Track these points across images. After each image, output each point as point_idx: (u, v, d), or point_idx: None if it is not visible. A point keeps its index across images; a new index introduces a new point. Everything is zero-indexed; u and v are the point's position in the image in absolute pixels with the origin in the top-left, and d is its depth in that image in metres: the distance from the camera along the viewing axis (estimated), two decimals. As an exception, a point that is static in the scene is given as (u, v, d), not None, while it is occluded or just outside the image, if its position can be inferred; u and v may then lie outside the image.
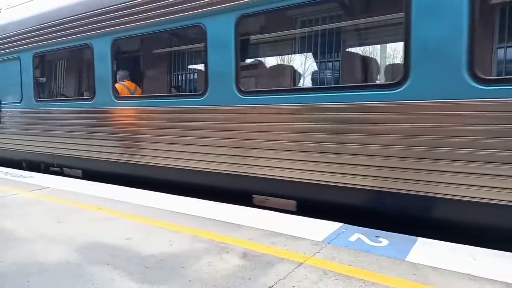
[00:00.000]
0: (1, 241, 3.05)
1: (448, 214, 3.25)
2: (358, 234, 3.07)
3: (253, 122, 4.26)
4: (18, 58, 6.99)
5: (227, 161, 4.49)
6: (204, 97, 4.62)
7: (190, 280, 2.31)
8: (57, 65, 7.50)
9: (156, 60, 7.29)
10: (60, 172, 6.69)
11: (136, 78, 6.49)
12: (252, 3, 4.13)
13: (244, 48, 4.59)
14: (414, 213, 3.40)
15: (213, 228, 3.32)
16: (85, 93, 6.79)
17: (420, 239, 2.98)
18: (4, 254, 2.77)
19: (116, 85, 5.83)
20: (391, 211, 3.54)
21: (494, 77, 3.69)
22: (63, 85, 7.68)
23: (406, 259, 2.58)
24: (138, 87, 6.39)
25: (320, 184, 3.86)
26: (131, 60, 6.74)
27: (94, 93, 5.80)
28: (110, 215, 3.77)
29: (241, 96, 4.32)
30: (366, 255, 2.66)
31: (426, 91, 3.23)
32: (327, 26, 5.39)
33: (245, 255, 2.69)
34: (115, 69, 5.65)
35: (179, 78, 6.61)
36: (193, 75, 6.44)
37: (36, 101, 6.81)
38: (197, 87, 5.79)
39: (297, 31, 5.67)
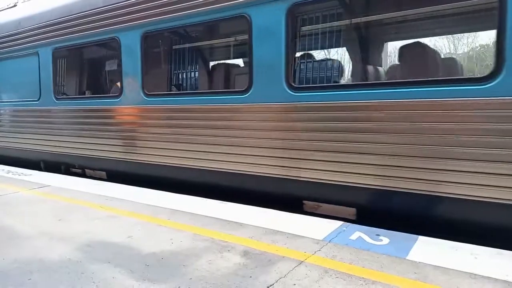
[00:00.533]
0: (2, 239, 3.06)
1: None
2: (359, 233, 3.07)
3: (306, 121, 3.89)
4: (37, 54, 6.64)
5: (276, 164, 4.11)
6: (248, 94, 4.27)
7: (190, 278, 2.31)
8: (79, 61, 7.06)
9: (191, 55, 6.75)
10: (81, 173, 6.41)
11: (167, 74, 6.12)
12: None
13: (295, 39, 4.19)
14: None
15: (214, 226, 3.33)
16: (110, 91, 6.32)
17: (421, 237, 2.98)
18: (6, 251, 2.78)
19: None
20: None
21: None
22: (85, 82, 7.22)
23: (407, 258, 2.58)
24: None
25: (388, 190, 3.46)
26: (163, 55, 6.21)
27: (121, 90, 5.47)
28: (111, 213, 3.78)
29: (292, 93, 3.96)
30: (367, 254, 2.66)
31: None
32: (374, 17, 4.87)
33: (246, 254, 2.69)
34: (145, 64, 5.27)
35: (218, 74, 5.93)
36: (234, 71, 5.72)
37: (56, 99, 6.45)
38: (240, 83, 5.17)
39: (347, 21, 5.08)
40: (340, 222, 3.35)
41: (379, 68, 5.46)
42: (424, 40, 5.33)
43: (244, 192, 4.37)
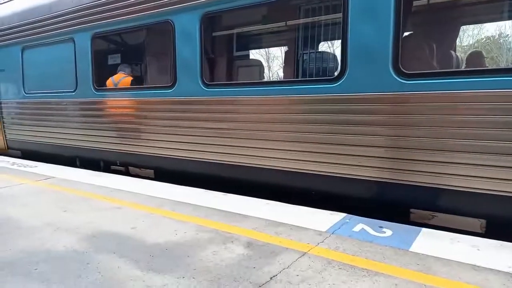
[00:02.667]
0: (9, 230, 3.09)
1: None
2: (361, 225, 3.08)
3: (420, 115, 3.27)
4: (72, 40, 6.02)
5: (375, 165, 3.53)
6: (339, 82, 3.66)
7: (195, 269, 2.33)
8: (123, 47, 6.34)
9: (266, 37, 6.00)
10: (125, 171, 5.89)
11: (232, 60, 5.36)
12: None
13: (407, 16, 3.50)
14: None
15: (218, 218, 3.34)
16: (161, 81, 5.58)
17: (424, 229, 2.98)
18: (12, 242, 2.81)
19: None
20: None
21: None
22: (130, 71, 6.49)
23: (410, 250, 2.59)
24: (125, 79, 5.68)
25: None
26: (227, 39, 5.41)
27: (175, 80, 4.84)
28: (116, 205, 3.80)
29: (402, 81, 3.32)
30: (370, 245, 2.67)
31: None
32: None
33: (249, 245, 2.71)
34: (204, 50, 4.63)
35: (298, 60, 4.85)
36: (314, 56, 4.63)
37: (96, 90, 5.84)
38: (326, 69, 4.37)
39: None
40: (343, 214, 3.36)
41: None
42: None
43: (339, 198, 3.83)
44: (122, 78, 5.74)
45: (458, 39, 4.83)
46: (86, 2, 5.73)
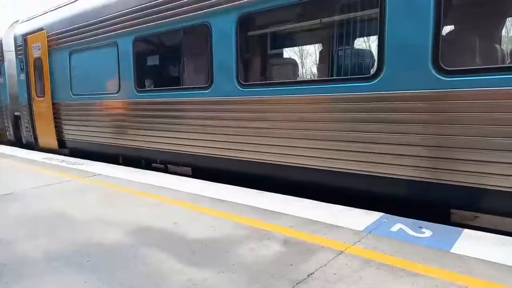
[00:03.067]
0: (62, 224, 3.34)
1: None
2: (400, 225, 3.04)
3: (461, 113, 3.17)
4: (115, 44, 6.34)
5: (414, 164, 3.44)
6: (376, 80, 3.59)
7: (233, 264, 2.42)
8: (161, 50, 6.55)
9: (301, 36, 5.97)
10: (164, 169, 6.17)
11: (266, 59, 5.42)
12: None
13: (447, 9, 3.36)
14: None
15: (254, 215, 3.42)
16: (197, 81, 5.66)
17: (466, 230, 2.90)
18: (65, 235, 3.04)
19: None
20: None
21: None
22: (168, 73, 6.72)
23: (451, 251, 2.53)
24: None
25: None
26: (261, 39, 5.41)
27: (212, 81, 4.98)
28: (157, 201, 3.99)
29: (443, 78, 3.20)
30: (409, 246, 2.64)
31: None
32: None
33: (285, 242, 2.76)
34: (240, 51, 4.71)
35: (333, 58, 4.71)
36: (349, 53, 4.60)
37: (137, 91, 6.11)
38: (363, 67, 4.32)
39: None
40: (380, 214, 3.33)
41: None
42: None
43: (379, 197, 3.75)
44: None
45: (504, 32, 4.57)
46: (128, 8, 6.01)
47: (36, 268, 2.44)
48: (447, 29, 3.94)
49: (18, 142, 9.82)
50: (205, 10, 4.91)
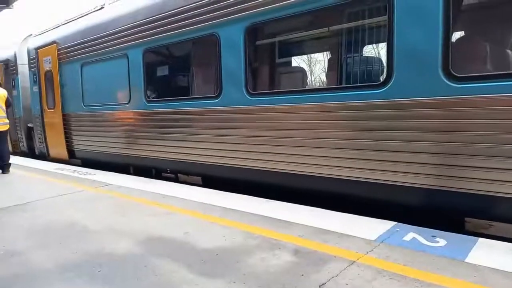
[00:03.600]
0: (74, 233, 3.37)
1: None
2: (413, 234, 3.00)
3: (473, 120, 3.13)
4: (125, 56, 6.45)
5: (425, 172, 3.39)
6: (386, 87, 3.56)
7: (244, 274, 2.41)
8: (171, 61, 6.60)
9: (309, 44, 5.98)
10: (174, 178, 6.26)
11: (274, 68, 5.44)
12: None
13: (457, 14, 3.36)
14: None
15: (264, 224, 3.41)
16: (206, 91, 5.69)
17: (481, 239, 2.84)
18: (77, 245, 3.06)
19: None
20: None
21: None
22: (178, 83, 6.71)
23: (466, 260, 2.48)
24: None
25: None
26: (269, 48, 5.41)
27: (221, 90, 5.02)
28: (167, 210, 4.00)
29: (453, 84, 3.16)
30: (422, 255, 2.59)
31: None
32: None
33: (297, 252, 2.74)
34: (248, 60, 4.76)
35: (342, 65, 4.71)
36: (358, 61, 4.53)
37: (147, 101, 6.19)
38: (372, 75, 4.31)
39: None
40: (392, 223, 3.28)
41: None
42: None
43: (386, 205, 3.71)
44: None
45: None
46: (138, 20, 6.13)
47: (48, 279, 2.46)
48: (457, 35, 3.92)
49: (31, 153, 9.99)
50: (214, 21, 4.98)
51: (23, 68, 9.72)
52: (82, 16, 7.90)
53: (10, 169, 7.04)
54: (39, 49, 8.80)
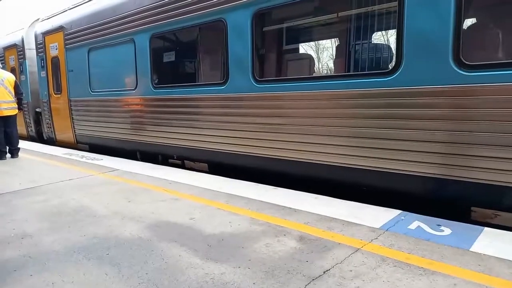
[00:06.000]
0: (83, 217, 3.43)
1: None
2: (418, 222, 3.00)
3: (483, 109, 3.09)
4: (132, 41, 6.41)
5: (434, 161, 3.37)
6: (395, 75, 3.53)
7: (250, 260, 2.44)
8: (178, 46, 6.51)
9: (317, 30, 5.88)
10: (180, 165, 6.29)
11: (282, 55, 5.42)
12: None
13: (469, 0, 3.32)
14: None
15: (270, 211, 3.44)
16: (213, 78, 5.67)
17: (486, 229, 2.84)
18: (86, 229, 3.12)
19: None
20: None
21: None
22: (185, 69, 6.70)
23: (470, 249, 2.49)
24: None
25: None
26: (276, 34, 5.37)
27: (227, 76, 4.99)
28: (174, 196, 4.05)
29: (464, 72, 3.13)
30: (427, 244, 2.60)
31: None
32: None
33: (301, 239, 2.77)
34: (255, 47, 4.72)
35: (350, 53, 4.68)
36: (367, 48, 4.46)
37: (154, 87, 6.18)
38: (380, 62, 4.25)
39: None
40: (398, 211, 3.29)
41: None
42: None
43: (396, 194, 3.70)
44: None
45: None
46: (145, 5, 6.08)
47: (59, 261, 2.52)
48: (468, 22, 3.83)
49: (39, 138, 10.10)
50: (221, 6, 4.92)
51: (31, 53, 9.74)
52: (89, 0, 7.84)
53: (19, 153, 7.14)
54: (46, 35, 8.79)
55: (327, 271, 2.26)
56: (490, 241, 2.61)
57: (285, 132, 4.47)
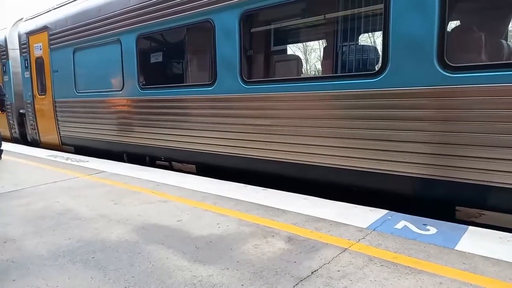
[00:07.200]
0: (68, 220, 3.36)
1: None
2: (404, 222, 3.04)
3: (466, 110, 3.16)
4: (119, 41, 6.35)
5: (419, 161, 3.43)
6: (381, 76, 3.58)
7: (238, 261, 2.43)
8: (165, 47, 6.47)
9: (304, 32, 5.94)
10: (168, 166, 6.25)
11: (270, 56, 5.40)
12: None
13: (453, 3, 3.41)
14: None
15: (258, 212, 3.43)
16: (201, 79, 5.66)
17: (470, 228, 2.89)
18: (71, 231, 3.06)
19: None
20: None
21: None
22: (172, 70, 6.62)
23: (455, 248, 2.53)
24: None
25: None
26: (264, 35, 5.36)
27: (215, 77, 4.98)
28: (162, 198, 4.01)
29: (448, 74, 3.19)
30: (413, 243, 2.63)
31: None
32: None
33: (290, 239, 2.77)
34: (243, 48, 4.73)
35: (337, 54, 4.64)
36: (353, 49, 4.46)
37: (141, 88, 6.13)
38: (367, 64, 4.30)
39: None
40: (384, 211, 3.32)
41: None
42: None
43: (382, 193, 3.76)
44: None
45: (511, 27, 4.56)
46: (131, 5, 6.02)
47: (43, 265, 2.46)
48: (452, 24, 3.93)
49: (23, 140, 9.89)
50: (208, 7, 4.92)
51: (14, 53, 9.54)
52: (74, 0, 7.73)
53: (2, 155, 6.97)
54: (29, 35, 8.63)
55: (315, 271, 2.26)
56: (474, 240, 2.66)
57: (273, 133, 4.49)
